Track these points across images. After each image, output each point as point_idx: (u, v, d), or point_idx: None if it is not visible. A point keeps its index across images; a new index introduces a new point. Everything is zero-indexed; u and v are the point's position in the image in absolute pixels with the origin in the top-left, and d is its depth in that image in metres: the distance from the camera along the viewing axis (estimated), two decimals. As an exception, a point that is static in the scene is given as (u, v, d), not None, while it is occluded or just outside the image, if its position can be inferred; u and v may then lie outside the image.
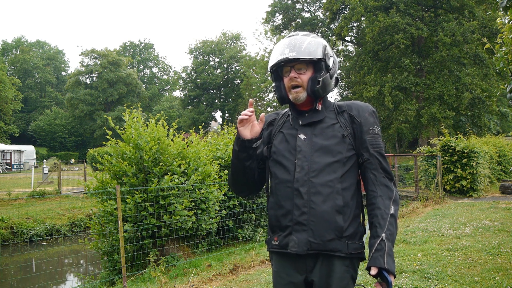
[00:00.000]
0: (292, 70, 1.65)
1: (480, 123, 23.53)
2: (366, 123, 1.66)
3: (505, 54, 3.77)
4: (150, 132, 6.45)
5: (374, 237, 1.55)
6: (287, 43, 1.65)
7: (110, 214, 5.92)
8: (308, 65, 1.65)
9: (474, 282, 4.04)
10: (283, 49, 1.63)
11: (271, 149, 1.74)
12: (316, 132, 1.66)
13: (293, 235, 1.60)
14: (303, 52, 1.61)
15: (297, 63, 1.64)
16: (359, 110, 1.69)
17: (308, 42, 1.64)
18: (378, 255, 1.50)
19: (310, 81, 1.64)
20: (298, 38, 1.65)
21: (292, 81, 1.65)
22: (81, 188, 17.59)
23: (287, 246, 1.61)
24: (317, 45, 1.64)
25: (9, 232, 11.33)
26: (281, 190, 1.64)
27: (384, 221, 1.56)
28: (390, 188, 1.63)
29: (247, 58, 47.31)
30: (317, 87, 1.63)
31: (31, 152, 38.80)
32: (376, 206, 1.60)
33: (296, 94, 1.65)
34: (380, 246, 1.51)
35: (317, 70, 1.66)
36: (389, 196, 1.61)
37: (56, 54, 70.56)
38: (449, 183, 11.61)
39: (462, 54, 21.95)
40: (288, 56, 1.61)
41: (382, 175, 1.64)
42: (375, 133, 1.67)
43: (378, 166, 1.64)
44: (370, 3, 23.29)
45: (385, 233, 1.54)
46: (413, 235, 6.37)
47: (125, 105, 8.44)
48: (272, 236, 1.70)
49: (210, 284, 4.67)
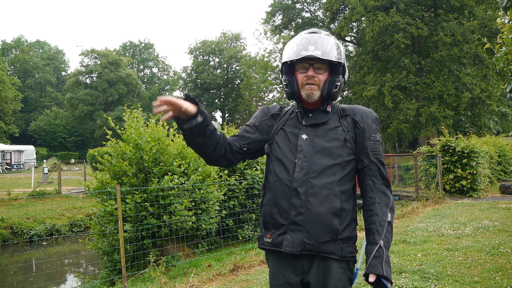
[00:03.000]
0: (311, 68, 1.63)
1: (480, 123, 23.54)
2: (369, 129, 1.66)
3: (505, 54, 3.77)
4: (150, 132, 6.46)
5: (372, 243, 1.55)
6: (312, 40, 1.61)
7: (110, 214, 5.92)
8: (327, 66, 1.64)
9: (474, 282, 4.04)
10: (307, 45, 1.60)
11: (272, 146, 1.72)
12: (318, 133, 1.65)
13: (287, 235, 1.59)
14: (329, 53, 1.59)
15: (317, 62, 1.62)
16: (363, 115, 1.68)
17: (332, 43, 1.62)
18: (376, 262, 1.50)
19: (327, 83, 1.63)
20: (323, 37, 1.63)
21: (310, 80, 1.62)
22: (81, 188, 17.58)
23: (281, 245, 1.60)
24: (339, 48, 1.64)
25: (9, 232, 11.34)
26: (278, 188, 1.63)
27: (382, 228, 1.56)
28: (388, 195, 1.64)
29: (247, 58, 47.36)
30: (334, 91, 1.63)
31: (31, 152, 38.79)
32: (374, 212, 1.60)
33: (311, 91, 1.63)
34: (378, 253, 1.51)
35: (334, 73, 1.65)
36: (386, 203, 1.61)
37: (56, 54, 70.56)
38: (449, 183, 11.61)
39: (462, 54, 21.96)
40: (313, 53, 1.58)
41: (381, 182, 1.65)
42: (376, 140, 1.67)
43: (377, 173, 1.65)
44: (370, 3, 23.29)
45: (383, 240, 1.54)
46: (413, 235, 6.37)
47: (125, 105, 8.44)
48: (265, 233, 1.69)
49: (210, 284, 4.67)
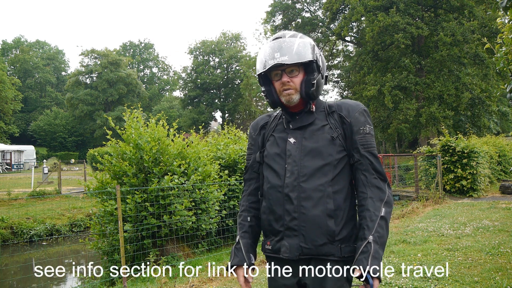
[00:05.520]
0: (284, 74, 1.60)
1: (480, 123, 23.54)
2: (356, 123, 1.62)
3: (505, 54, 3.77)
4: (150, 132, 6.45)
5: (361, 239, 1.52)
6: (276, 46, 1.58)
7: (110, 214, 5.92)
8: (300, 67, 1.61)
9: (474, 282, 4.04)
10: (273, 53, 1.57)
11: (263, 153, 1.72)
12: (306, 135, 1.63)
13: (284, 241, 1.59)
14: (294, 55, 1.55)
15: (288, 66, 1.59)
16: (349, 109, 1.64)
17: (297, 44, 1.58)
18: (362, 257, 1.47)
19: (303, 83, 1.60)
20: (287, 41, 1.59)
21: (285, 85, 1.60)
22: (81, 188, 17.58)
23: (279, 251, 1.61)
24: (306, 46, 1.59)
25: (9, 232, 11.34)
26: (272, 195, 1.63)
27: (372, 223, 1.52)
28: (382, 189, 1.58)
29: (247, 58, 47.33)
30: (312, 90, 1.60)
31: (31, 152, 38.78)
32: (365, 208, 1.56)
33: (289, 97, 1.61)
34: (366, 249, 1.48)
35: (309, 72, 1.61)
36: (380, 198, 1.56)
37: (56, 54, 70.56)
38: (449, 183, 11.61)
39: (462, 54, 21.95)
40: (279, 61, 1.55)
41: (374, 176, 1.59)
42: (366, 132, 1.62)
43: (369, 167, 1.60)
44: (370, 3, 23.28)
45: (373, 235, 1.50)
46: (413, 235, 6.37)
47: (125, 105, 8.44)
48: (265, 240, 1.70)
49: (210, 284, 4.67)
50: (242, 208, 1.80)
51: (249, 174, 1.82)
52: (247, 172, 1.84)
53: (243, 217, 1.76)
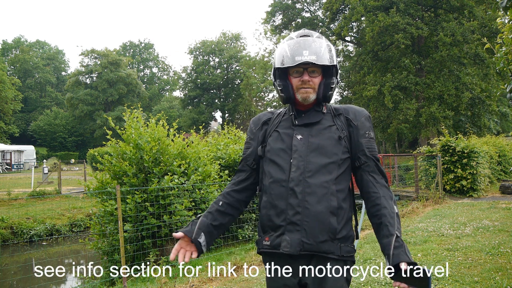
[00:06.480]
0: (305, 72, 1.63)
1: (480, 123, 23.53)
2: (362, 127, 1.68)
3: (505, 54, 3.77)
4: (150, 132, 6.46)
5: (388, 236, 1.53)
6: (305, 44, 1.61)
7: (110, 214, 5.92)
8: (319, 68, 1.65)
9: (474, 282, 4.04)
10: (301, 50, 1.60)
11: (266, 148, 1.73)
12: (313, 133, 1.65)
13: (285, 235, 1.58)
14: (323, 57, 1.60)
15: (311, 66, 1.62)
16: (356, 114, 1.70)
17: (324, 46, 1.62)
18: (400, 252, 1.49)
19: (322, 86, 1.65)
20: (316, 41, 1.63)
21: (305, 84, 1.63)
22: (81, 188, 17.58)
23: (279, 246, 1.59)
24: (332, 50, 1.65)
25: (9, 232, 11.34)
26: (275, 189, 1.63)
27: (393, 220, 1.56)
28: (389, 189, 1.67)
29: (247, 58, 47.26)
30: (330, 93, 1.66)
31: (31, 152, 38.78)
32: (382, 206, 1.59)
33: (307, 95, 1.64)
34: (398, 243, 1.51)
35: (327, 75, 1.66)
36: (390, 197, 1.63)
37: (56, 54, 70.55)
38: (449, 183, 11.60)
39: (462, 54, 21.95)
40: (308, 59, 1.58)
41: (381, 177, 1.67)
42: (370, 137, 1.69)
43: (375, 168, 1.66)
44: (370, 3, 23.28)
45: (397, 231, 1.54)
46: (413, 235, 6.37)
47: (125, 105, 8.44)
48: (263, 236, 1.68)
49: (210, 284, 4.67)
50: (221, 193, 1.83)
51: (241, 166, 1.84)
52: (239, 164, 1.87)
53: (217, 200, 1.79)
